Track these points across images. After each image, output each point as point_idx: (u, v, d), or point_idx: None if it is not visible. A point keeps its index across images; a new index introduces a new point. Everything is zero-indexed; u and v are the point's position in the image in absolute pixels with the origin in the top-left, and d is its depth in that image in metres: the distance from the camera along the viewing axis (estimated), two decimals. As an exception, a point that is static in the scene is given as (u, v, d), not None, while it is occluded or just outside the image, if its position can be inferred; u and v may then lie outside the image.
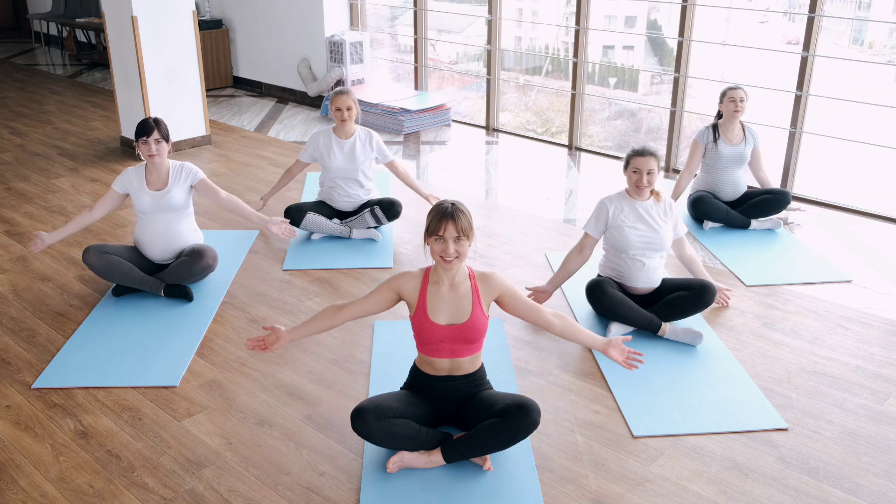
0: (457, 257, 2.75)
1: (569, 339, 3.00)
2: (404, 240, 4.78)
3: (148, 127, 3.92)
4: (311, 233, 4.79)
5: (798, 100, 5.46)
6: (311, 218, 4.67)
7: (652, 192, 3.75)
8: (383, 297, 2.88)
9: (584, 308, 3.95)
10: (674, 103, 6.08)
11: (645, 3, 7.18)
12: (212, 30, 8.57)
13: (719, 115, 4.98)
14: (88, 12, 10.49)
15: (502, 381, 3.31)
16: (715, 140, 4.92)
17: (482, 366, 2.96)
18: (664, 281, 3.82)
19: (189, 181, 4.04)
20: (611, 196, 3.77)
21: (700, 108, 6.22)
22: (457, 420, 2.94)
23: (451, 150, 6.74)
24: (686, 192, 5.19)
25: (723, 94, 4.91)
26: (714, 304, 3.93)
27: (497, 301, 2.90)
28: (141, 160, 4.56)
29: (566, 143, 6.81)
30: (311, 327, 2.93)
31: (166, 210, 4.00)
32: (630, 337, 3.05)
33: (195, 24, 6.38)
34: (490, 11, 6.98)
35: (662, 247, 3.73)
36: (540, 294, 3.87)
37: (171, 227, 4.04)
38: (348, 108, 4.66)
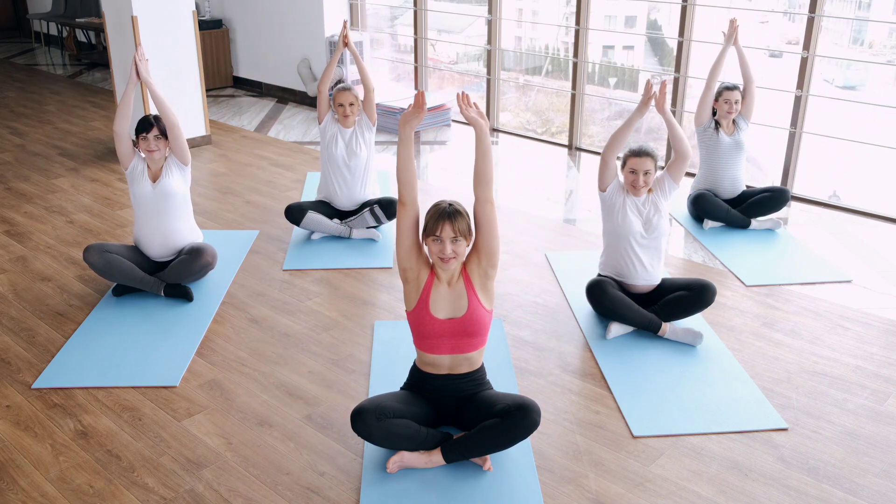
0: (454, 257, 2.75)
1: (480, 179, 2.80)
2: (404, 240, 4.78)
3: (147, 123, 3.94)
4: (312, 232, 4.79)
5: (798, 100, 5.46)
6: (312, 217, 4.67)
7: (649, 190, 3.76)
8: (418, 242, 2.82)
9: (584, 308, 3.95)
10: (674, 103, 6.09)
11: (645, 3, 7.18)
12: (212, 30, 8.57)
13: (712, 112, 5.00)
14: (88, 12, 10.49)
15: (502, 381, 3.31)
16: (716, 128, 4.94)
17: (482, 366, 2.96)
18: (664, 281, 3.83)
19: (173, 160, 4.03)
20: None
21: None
22: (457, 420, 2.94)
23: (452, 150, 6.74)
24: (686, 189, 5.20)
25: (718, 94, 4.93)
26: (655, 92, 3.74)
27: (484, 260, 2.81)
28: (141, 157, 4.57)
29: (566, 143, 6.81)
30: (408, 147, 2.80)
31: (164, 199, 3.99)
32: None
33: (195, 24, 6.38)
34: (490, 11, 6.98)
35: (661, 233, 3.73)
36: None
37: (170, 224, 4.05)
38: (350, 104, 4.65)
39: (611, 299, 3.66)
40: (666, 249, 3.86)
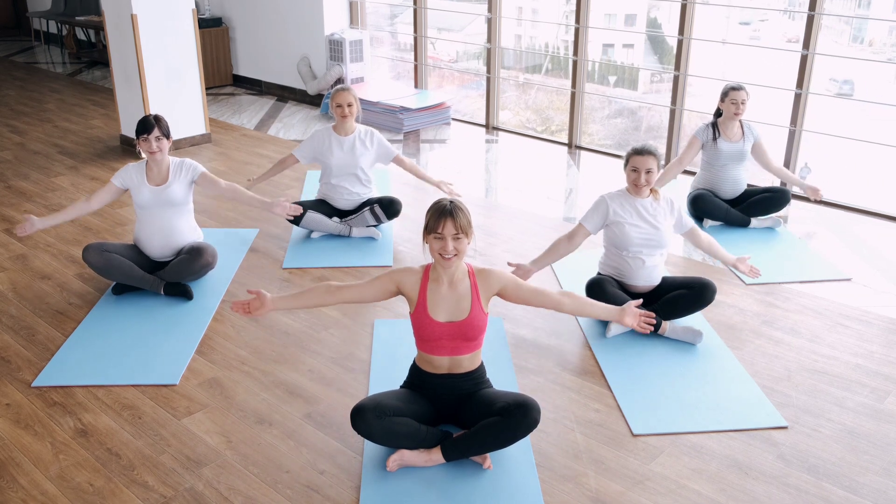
0: (455, 255, 2.75)
1: (581, 315, 3.01)
2: (404, 238, 4.78)
3: (148, 124, 3.93)
4: (311, 231, 4.79)
5: (798, 98, 5.46)
6: (311, 216, 4.67)
7: (651, 190, 3.75)
8: (383, 288, 2.88)
9: (583, 306, 3.95)
10: (674, 101, 6.08)
11: (645, 1, 7.18)
12: (211, 28, 8.56)
13: (718, 113, 4.96)
14: (88, 10, 10.48)
15: (502, 380, 3.31)
16: (715, 138, 4.90)
17: (482, 364, 2.96)
18: (664, 279, 3.83)
19: (189, 177, 4.05)
20: (612, 193, 3.77)
21: (700, 106, 6.22)
22: (457, 418, 2.94)
23: (451, 148, 6.74)
24: (686, 189, 5.18)
25: (724, 94, 4.88)
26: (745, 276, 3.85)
27: (500, 294, 2.90)
28: (142, 158, 4.57)
29: (566, 141, 6.81)
30: (300, 300, 2.94)
31: (166, 205, 4.00)
32: (641, 301, 3.10)
33: (195, 23, 6.38)
34: (490, 10, 6.98)
35: (662, 244, 3.73)
36: (523, 272, 3.76)
37: (170, 224, 4.05)
38: (349, 105, 4.66)
39: (610, 298, 3.66)
40: (667, 252, 3.86)
